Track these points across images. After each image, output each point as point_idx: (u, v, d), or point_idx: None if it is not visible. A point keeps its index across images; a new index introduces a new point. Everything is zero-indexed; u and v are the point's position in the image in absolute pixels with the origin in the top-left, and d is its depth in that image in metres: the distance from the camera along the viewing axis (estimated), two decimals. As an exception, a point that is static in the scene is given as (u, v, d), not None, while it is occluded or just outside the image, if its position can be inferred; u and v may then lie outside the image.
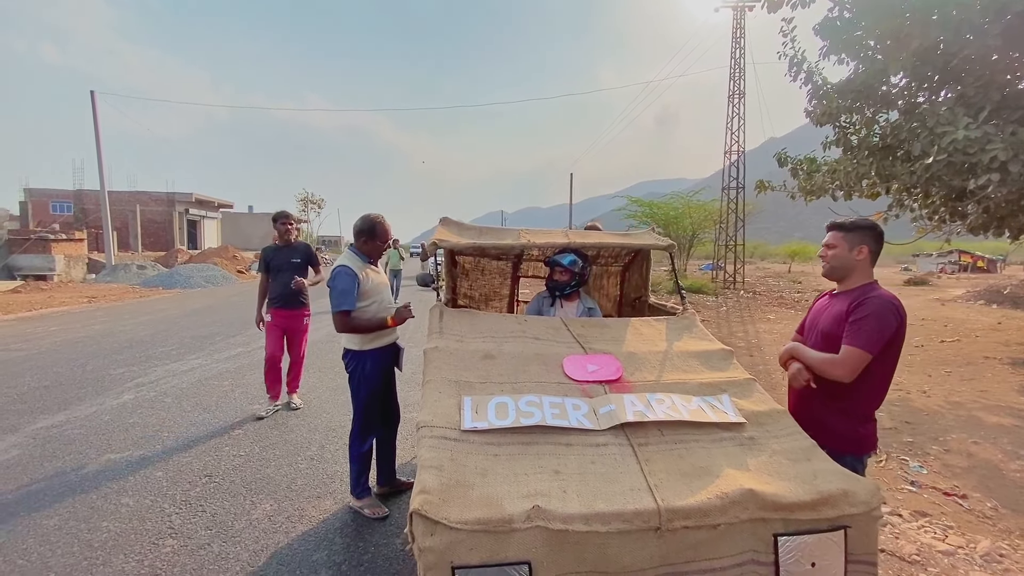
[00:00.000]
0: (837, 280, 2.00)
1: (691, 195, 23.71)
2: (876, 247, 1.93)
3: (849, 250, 1.92)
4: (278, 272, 4.18)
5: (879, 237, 1.94)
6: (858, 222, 1.95)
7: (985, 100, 6.51)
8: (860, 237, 1.92)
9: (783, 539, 1.57)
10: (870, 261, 1.92)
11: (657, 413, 1.87)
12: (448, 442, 1.73)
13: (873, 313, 1.78)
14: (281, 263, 4.19)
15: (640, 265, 3.46)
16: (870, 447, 1.93)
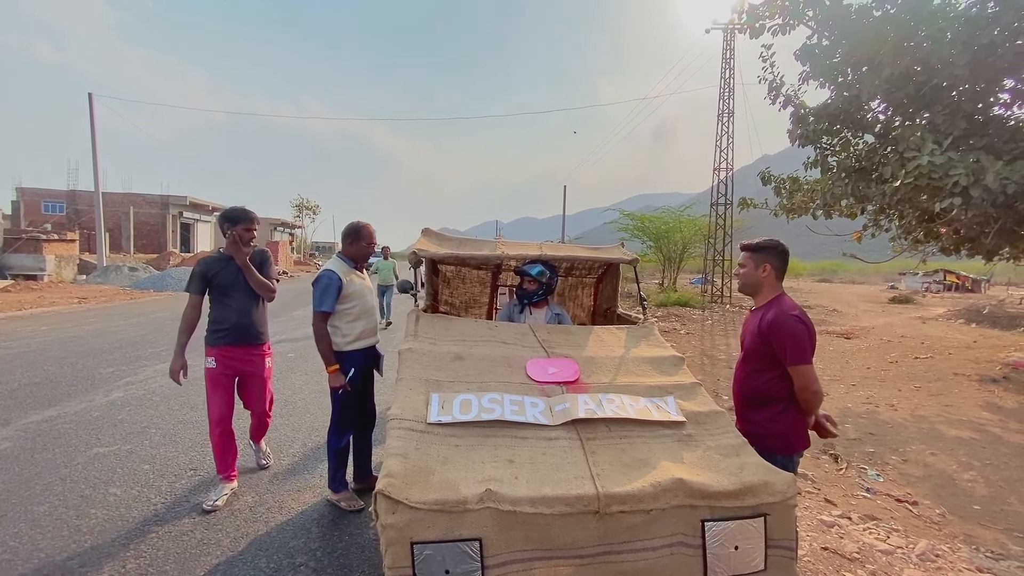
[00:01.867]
0: (750, 295, 2.27)
1: (682, 210, 24.08)
2: (780, 264, 2.17)
3: (755, 268, 2.17)
4: (226, 293, 2.89)
5: (783, 255, 2.18)
6: (762, 243, 2.20)
7: (952, 127, 6.83)
8: (764, 256, 2.17)
9: (709, 524, 1.76)
10: (775, 277, 2.17)
11: (606, 411, 2.05)
12: (414, 433, 1.91)
13: (788, 333, 2.02)
14: (229, 281, 2.88)
15: (612, 278, 3.67)
16: (801, 445, 2.13)
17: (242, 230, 2.89)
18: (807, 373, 2.01)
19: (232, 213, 2.91)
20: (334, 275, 2.73)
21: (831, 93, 8.78)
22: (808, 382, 2.01)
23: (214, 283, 2.90)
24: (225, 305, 2.91)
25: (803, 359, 2.01)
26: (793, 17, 8.17)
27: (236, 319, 2.92)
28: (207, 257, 2.97)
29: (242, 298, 2.94)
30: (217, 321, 2.92)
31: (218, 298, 2.92)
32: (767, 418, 2.12)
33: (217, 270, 2.90)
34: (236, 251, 2.85)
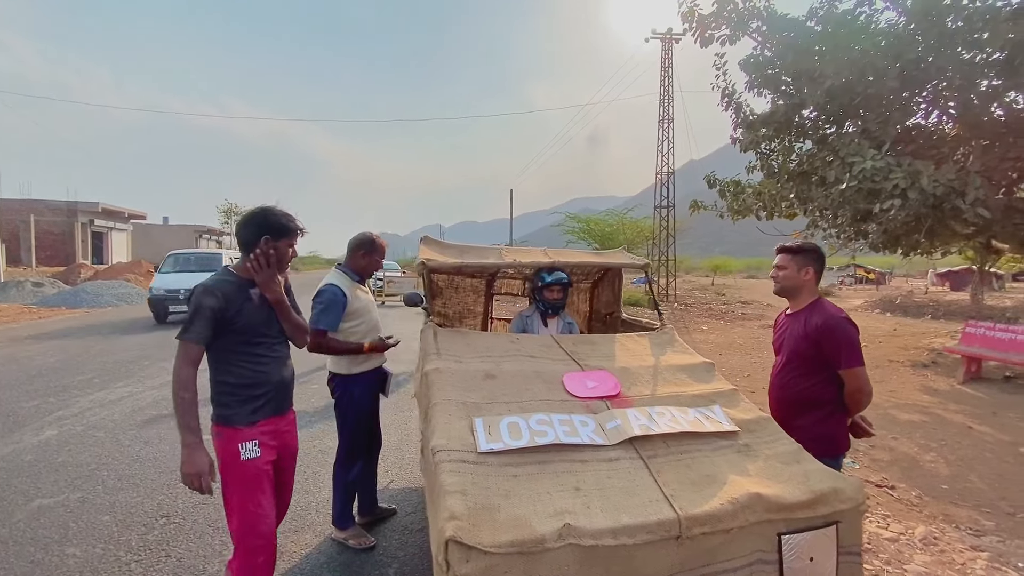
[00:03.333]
0: (787, 297, 2.28)
1: (625, 212, 24.81)
2: (820, 268, 2.19)
3: (797, 271, 2.17)
4: (258, 339, 1.93)
5: (821, 259, 2.21)
6: (804, 246, 2.22)
7: (884, 135, 7.43)
8: (806, 259, 2.18)
9: (786, 537, 1.70)
10: (815, 280, 2.19)
11: (660, 426, 1.96)
12: (467, 465, 1.72)
13: (843, 336, 2.04)
14: (263, 319, 1.94)
15: (612, 282, 3.61)
16: (845, 447, 2.15)
17: (285, 246, 1.93)
18: (862, 374, 2.03)
19: (273, 218, 1.90)
20: (338, 290, 2.47)
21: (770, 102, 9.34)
22: (863, 383, 2.04)
23: (236, 324, 1.84)
24: (259, 357, 1.91)
25: (859, 361, 2.03)
26: (738, 29, 8.59)
27: (280, 376, 1.98)
28: (216, 282, 1.85)
29: (280, 345, 2.01)
30: (252, 383, 1.89)
31: (245, 348, 1.88)
32: (814, 421, 2.12)
33: (240, 303, 1.85)
34: (270, 279, 1.89)
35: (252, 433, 1.88)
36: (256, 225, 1.89)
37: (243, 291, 1.88)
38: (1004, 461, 4.55)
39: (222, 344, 1.85)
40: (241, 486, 1.85)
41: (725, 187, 11.43)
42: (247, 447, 1.86)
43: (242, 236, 1.90)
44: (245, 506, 1.85)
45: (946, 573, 2.64)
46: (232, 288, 1.86)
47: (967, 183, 6.31)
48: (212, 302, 1.78)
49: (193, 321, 1.76)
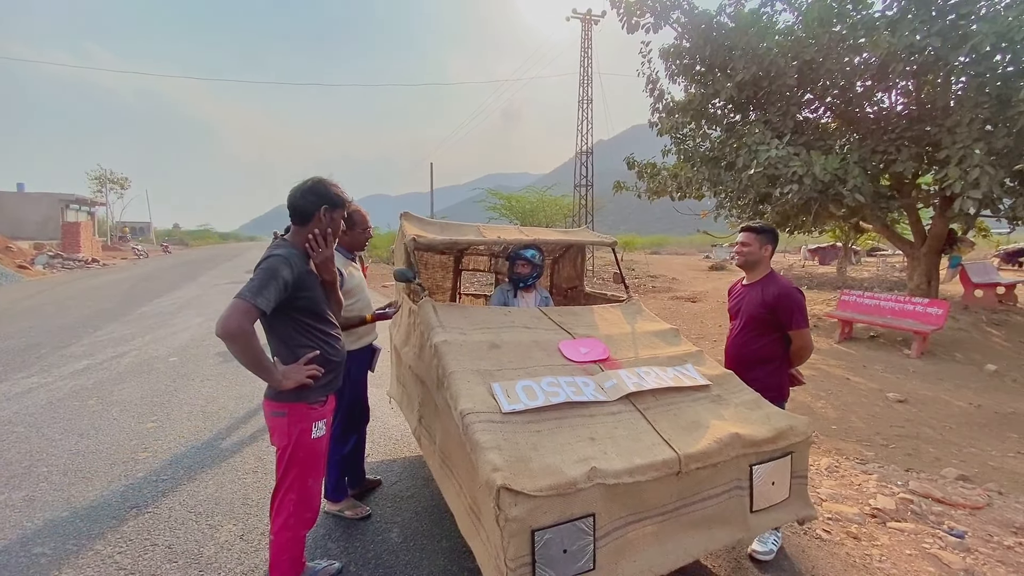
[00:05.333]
0: (747, 270, 2.68)
1: (545, 190, 25.41)
2: (775, 246, 2.62)
3: (759, 248, 2.57)
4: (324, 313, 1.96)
5: (777, 238, 2.63)
6: (765, 227, 2.62)
7: (784, 126, 8.39)
8: (767, 239, 2.59)
9: (756, 467, 2.08)
10: (770, 256, 2.61)
11: (649, 383, 2.26)
12: (495, 424, 1.90)
13: (795, 303, 2.48)
14: (323, 295, 1.97)
15: (573, 258, 3.87)
16: (788, 394, 2.62)
17: (340, 218, 1.92)
18: (807, 334, 2.51)
19: (332, 188, 1.87)
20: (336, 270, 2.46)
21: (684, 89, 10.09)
22: (808, 341, 2.52)
23: (302, 300, 1.80)
24: (327, 335, 1.92)
25: (807, 323, 2.48)
26: (661, 18, 9.12)
27: (343, 354, 2.04)
28: (290, 253, 1.78)
29: (335, 319, 2.03)
30: (325, 361, 1.89)
31: (316, 324, 1.88)
32: (767, 374, 2.56)
33: (307, 279, 1.82)
34: (329, 259, 1.90)
35: (323, 412, 1.92)
36: (317, 195, 1.85)
37: (306, 264, 1.85)
38: (875, 405, 5.54)
39: (293, 319, 1.82)
40: (307, 464, 1.87)
41: (643, 169, 12.21)
42: (319, 426, 1.89)
43: (301, 205, 1.85)
44: (305, 482, 1.88)
45: (848, 492, 3.28)
46: (301, 263, 1.81)
47: (848, 172, 7.37)
48: (288, 274, 1.72)
49: (267, 286, 1.67)
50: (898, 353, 7.58)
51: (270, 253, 1.77)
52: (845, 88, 8.51)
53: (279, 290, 1.70)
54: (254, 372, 1.69)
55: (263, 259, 1.75)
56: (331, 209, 1.88)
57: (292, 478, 1.83)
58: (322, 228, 1.86)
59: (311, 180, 1.88)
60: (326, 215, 1.87)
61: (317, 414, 1.88)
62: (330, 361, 1.91)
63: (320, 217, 1.85)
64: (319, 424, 1.88)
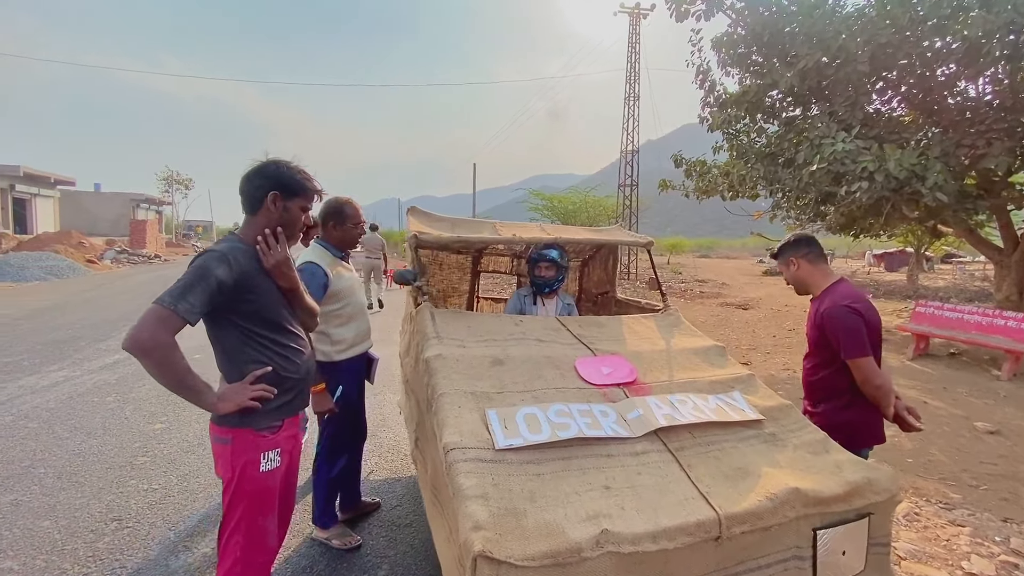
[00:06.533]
0: (806, 293, 2.22)
1: (588, 191, 24.83)
2: (804, 251, 2.14)
3: (787, 268, 2.19)
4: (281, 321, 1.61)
5: (799, 241, 2.17)
6: (779, 246, 2.23)
7: (852, 118, 7.57)
8: (786, 254, 2.19)
9: (821, 532, 1.62)
10: (812, 263, 2.13)
11: (685, 415, 1.83)
12: (485, 464, 1.53)
13: (840, 325, 1.95)
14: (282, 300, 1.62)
15: (604, 260, 3.46)
16: (869, 440, 2.09)
17: (298, 209, 1.59)
18: (864, 366, 1.93)
19: (285, 172, 1.55)
20: (318, 269, 2.16)
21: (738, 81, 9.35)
22: (868, 375, 1.92)
23: (252, 305, 1.50)
24: (284, 347, 1.58)
25: (858, 351, 1.92)
26: (714, 5, 8.47)
27: (307, 369, 1.68)
28: (231, 248, 1.47)
29: (300, 330, 1.70)
30: (279, 379, 1.56)
31: (269, 334, 1.55)
32: (832, 410, 2.07)
33: (255, 279, 1.50)
34: (281, 263, 1.53)
35: (276, 440, 1.56)
36: (265, 177, 1.53)
37: (257, 263, 1.52)
38: (960, 435, 4.79)
39: (239, 329, 1.50)
40: (256, 501, 1.54)
41: (692, 167, 11.50)
42: (269, 457, 1.54)
43: (246, 191, 1.53)
44: (254, 521, 1.55)
45: (934, 550, 2.70)
46: (247, 260, 1.49)
47: (928, 168, 6.52)
48: (224, 273, 1.40)
49: (193, 289, 1.35)
50: (985, 374, 6.66)
51: (206, 248, 1.47)
52: (925, 75, 7.60)
53: (209, 293, 1.38)
54: (178, 394, 1.40)
55: (195, 256, 1.45)
56: (285, 197, 1.55)
57: (238, 517, 1.53)
58: (272, 221, 1.54)
59: (264, 161, 1.55)
60: (277, 204, 1.54)
61: (267, 443, 1.54)
62: (286, 379, 1.58)
63: (269, 206, 1.53)
64: (270, 455, 1.54)
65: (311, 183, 1.61)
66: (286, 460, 1.63)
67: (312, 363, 1.73)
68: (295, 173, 1.57)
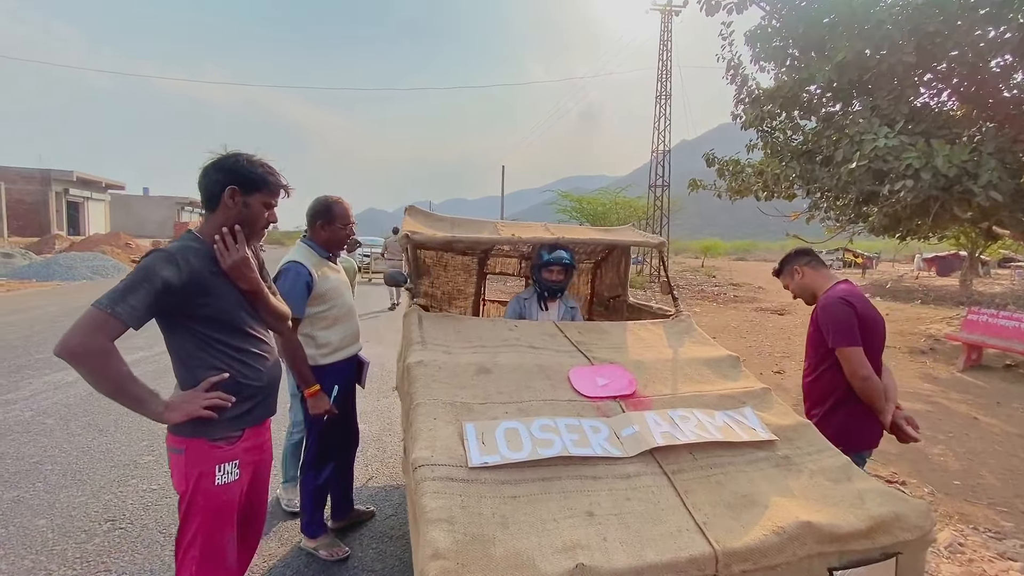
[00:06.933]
0: (814, 301, 2.21)
1: (618, 192, 24.42)
2: (806, 259, 2.21)
3: (792, 279, 2.23)
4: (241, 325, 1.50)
5: (800, 252, 2.25)
6: (781, 261, 2.31)
7: (896, 112, 7.09)
8: (789, 267, 2.25)
9: (839, 573, 1.41)
10: (815, 269, 2.19)
11: (686, 433, 1.65)
12: (455, 484, 1.40)
13: (830, 317, 1.98)
14: (242, 302, 1.50)
15: (617, 262, 3.28)
16: (860, 445, 2.02)
17: (260, 205, 1.47)
18: (851, 356, 1.91)
19: (244, 165, 1.43)
20: (302, 269, 2.08)
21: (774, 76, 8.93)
22: (853, 366, 1.90)
23: (207, 309, 1.40)
24: (244, 352, 1.48)
25: (844, 340, 1.92)
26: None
27: (271, 375, 1.57)
28: (181, 247, 1.38)
29: (265, 334, 1.59)
30: (237, 386, 1.46)
31: (227, 339, 1.45)
32: (822, 412, 2.05)
33: (210, 280, 1.40)
34: (240, 264, 1.43)
35: (233, 451, 1.46)
36: (223, 171, 1.42)
37: (215, 263, 1.42)
38: (1015, 455, 4.37)
39: (194, 333, 1.40)
40: (212, 516, 1.44)
41: (724, 166, 11.08)
42: (225, 469, 1.44)
43: (203, 185, 1.44)
44: (211, 538, 1.45)
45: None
46: (201, 260, 1.39)
47: (980, 164, 6.04)
48: (171, 274, 1.30)
49: (135, 291, 1.26)
50: (1046, 389, 6.11)
51: (154, 247, 1.39)
52: (977, 66, 7.05)
53: (154, 295, 1.29)
54: (119, 402, 1.32)
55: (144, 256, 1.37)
56: (244, 192, 1.44)
57: (194, 532, 1.44)
58: (231, 219, 1.44)
59: (222, 155, 1.44)
60: (235, 200, 1.43)
61: (223, 454, 1.44)
62: (246, 386, 1.48)
63: (227, 202, 1.42)
64: (227, 467, 1.44)
65: (274, 177, 1.49)
66: (248, 472, 1.53)
67: (278, 369, 1.63)
68: (255, 167, 1.45)
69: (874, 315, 2.00)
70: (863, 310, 1.96)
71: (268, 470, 1.70)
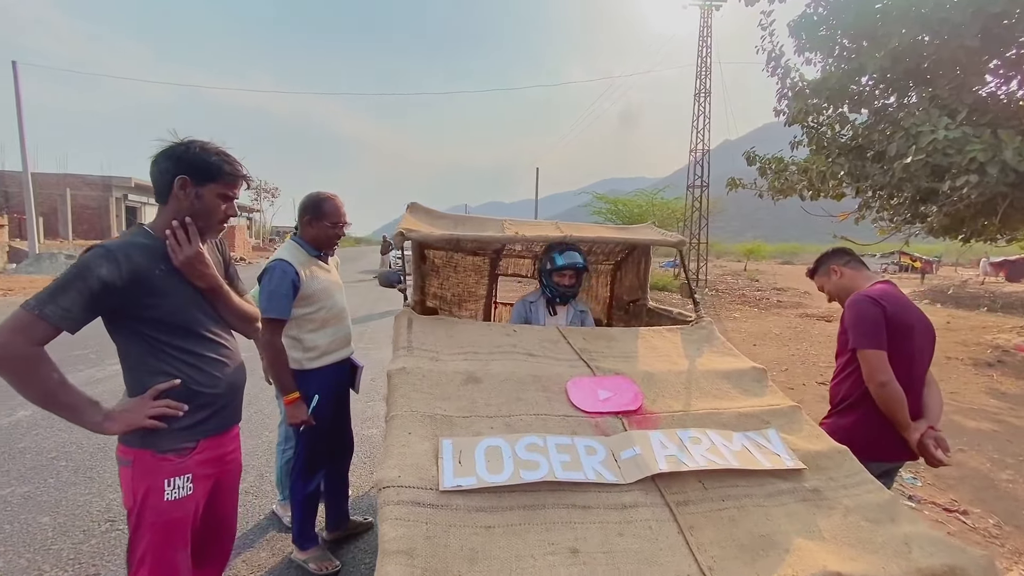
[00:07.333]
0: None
1: (655, 193, 23.82)
2: (845, 259, 2.07)
3: (829, 278, 2.08)
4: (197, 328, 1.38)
5: (838, 251, 2.11)
6: (817, 260, 2.16)
7: (958, 102, 6.50)
8: (826, 266, 2.10)
9: (878, 638, 1.17)
10: (854, 270, 2.03)
11: (696, 459, 1.44)
12: (422, 510, 1.24)
13: (854, 315, 1.83)
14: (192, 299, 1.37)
15: (637, 263, 3.05)
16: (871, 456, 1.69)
17: (214, 196, 1.35)
18: (869, 359, 1.75)
19: (196, 153, 1.32)
20: (288, 267, 1.97)
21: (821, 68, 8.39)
22: (872, 370, 1.73)
23: (157, 310, 1.29)
24: (199, 357, 1.37)
25: (865, 341, 1.76)
26: (790, -17, 7.67)
27: (230, 381, 1.45)
28: (123, 244, 1.27)
29: (228, 337, 1.48)
30: (190, 393, 1.35)
31: (180, 343, 1.34)
32: (835, 416, 1.93)
33: (159, 279, 1.29)
34: (194, 260, 1.32)
35: (185, 464, 1.35)
36: (172, 160, 1.30)
37: (166, 261, 1.31)
38: (1100, 485, 3.85)
39: (142, 337, 1.29)
40: (160, 533, 1.33)
41: (766, 164, 10.53)
42: (175, 483, 1.33)
43: (153, 177, 1.33)
44: (162, 555, 1.34)
45: (1060, 646, 2.06)
46: (146, 257, 1.27)
47: (1058, 158, 5.43)
48: (109, 273, 1.19)
49: (66, 291, 1.16)
50: None
51: (92, 244, 1.29)
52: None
53: (90, 296, 1.18)
54: (52, 411, 1.23)
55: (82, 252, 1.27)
56: (195, 182, 1.31)
57: (143, 550, 1.34)
58: (183, 211, 1.32)
59: (173, 143, 1.33)
60: (186, 191, 1.31)
61: (173, 468, 1.32)
62: (200, 393, 1.37)
63: (178, 193, 1.31)
64: (176, 481, 1.32)
65: (230, 166, 1.36)
66: (205, 486, 1.42)
67: (240, 375, 1.51)
68: (209, 154, 1.32)
69: (911, 319, 1.82)
70: (895, 312, 1.79)
71: (235, 481, 1.59)
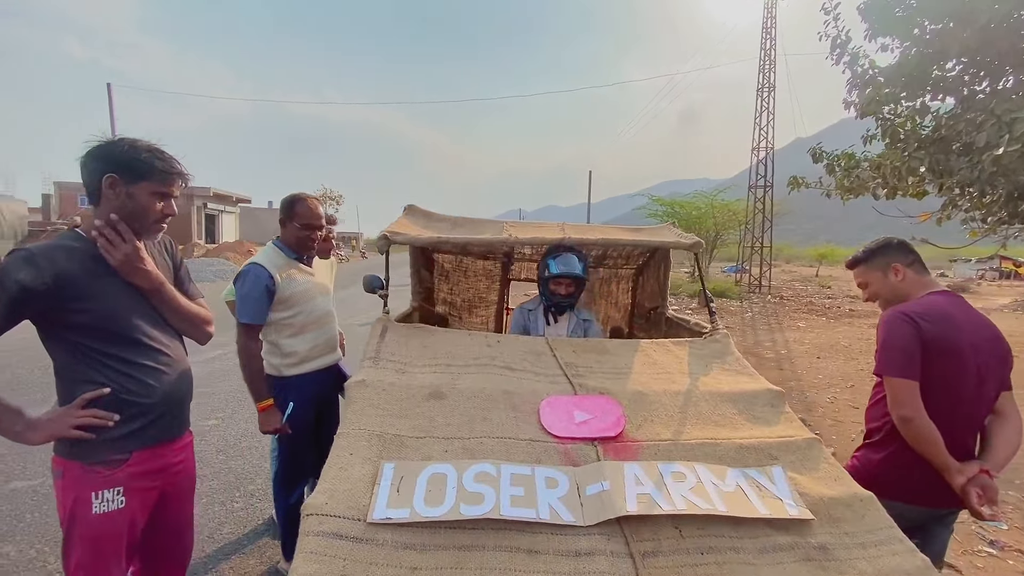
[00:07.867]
0: None
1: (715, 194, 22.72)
2: (908, 258, 1.75)
3: (884, 276, 1.74)
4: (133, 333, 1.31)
5: (902, 245, 1.78)
6: (870, 247, 1.81)
7: (1065, 83, 5.65)
8: (882, 259, 1.76)
9: None
10: (919, 274, 1.72)
11: (674, 499, 1.21)
12: (342, 544, 1.10)
13: (882, 334, 1.58)
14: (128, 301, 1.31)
15: (657, 268, 2.79)
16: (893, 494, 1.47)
17: (148, 195, 1.29)
18: (894, 388, 1.51)
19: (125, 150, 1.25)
20: (261, 271, 1.91)
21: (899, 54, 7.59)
22: (895, 400, 1.50)
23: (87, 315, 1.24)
24: (133, 365, 1.31)
25: (889, 368, 1.52)
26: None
27: (169, 390, 1.38)
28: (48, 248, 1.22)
29: (171, 343, 1.42)
30: (121, 402, 1.29)
31: (113, 350, 1.28)
32: (867, 448, 1.68)
33: (88, 283, 1.24)
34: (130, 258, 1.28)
35: (115, 477, 1.29)
36: (98, 159, 1.25)
37: (99, 264, 1.26)
38: None
39: (71, 344, 1.25)
40: (90, 548, 1.28)
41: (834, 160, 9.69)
42: (104, 496, 1.27)
43: (83, 177, 1.28)
44: (95, 571, 1.29)
45: None
46: (73, 260, 1.23)
47: None
48: (28, 277, 1.14)
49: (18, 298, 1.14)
50: None
51: (14, 249, 1.25)
52: None
53: (9, 302, 1.15)
54: None
55: None
56: (126, 181, 1.25)
57: (74, 564, 1.29)
58: (109, 211, 1.26)
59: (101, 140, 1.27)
60: (116, 190, 1.25)
61: (102, 480, 1.27)
62: (133, 403, 1.31)
63: (107, 193, 1.25)
64: (105, 494, 1.27)
65: (163, 163, 1.29)
66: (144, 499, 1.36)
67: (182, 384, 1.45)
68: (139, 151, 1.26)
69: (961, 341, 1.51)
70: (937, 333, 1.50)
71: (185, 494, 1.53)
